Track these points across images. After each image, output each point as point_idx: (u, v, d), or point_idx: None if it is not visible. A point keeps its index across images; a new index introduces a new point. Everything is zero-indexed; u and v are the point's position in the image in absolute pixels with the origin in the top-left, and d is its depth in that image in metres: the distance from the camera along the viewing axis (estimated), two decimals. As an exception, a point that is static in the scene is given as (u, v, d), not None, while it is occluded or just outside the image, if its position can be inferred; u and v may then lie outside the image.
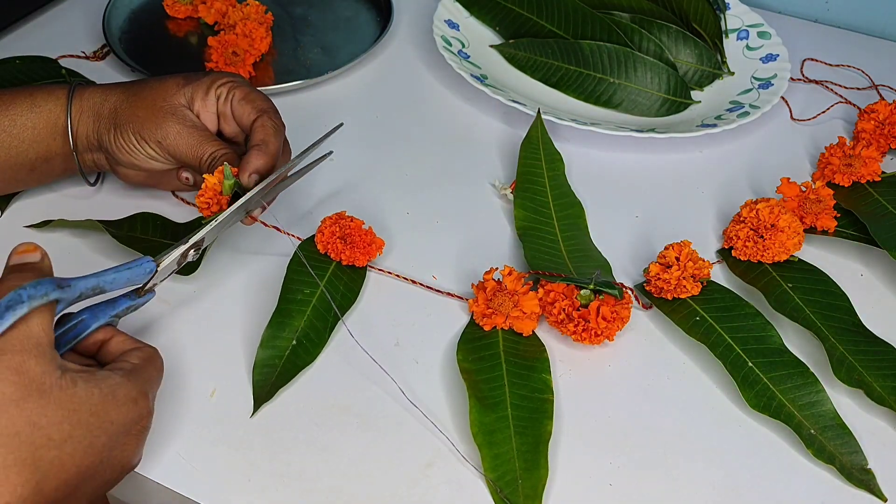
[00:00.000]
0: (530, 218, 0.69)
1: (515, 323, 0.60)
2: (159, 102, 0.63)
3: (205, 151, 0.62)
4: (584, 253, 0.67)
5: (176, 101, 0.64)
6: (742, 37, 0.89)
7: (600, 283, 0.60)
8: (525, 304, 0.60)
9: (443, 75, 0.86)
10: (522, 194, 0.71)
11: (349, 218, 0.64)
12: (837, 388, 0.58)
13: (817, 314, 0.62)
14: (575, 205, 0.71)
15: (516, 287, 0.60)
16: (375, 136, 0.79)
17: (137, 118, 0.63)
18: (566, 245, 0.67)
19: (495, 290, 0.60)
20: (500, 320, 0.60)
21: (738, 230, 0.66)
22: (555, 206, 0.70)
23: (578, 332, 0.59)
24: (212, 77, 0.66)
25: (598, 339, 0.60)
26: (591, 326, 0.59)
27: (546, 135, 0.75)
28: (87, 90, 0.65)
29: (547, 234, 0.68)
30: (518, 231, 0.68)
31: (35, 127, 0.63)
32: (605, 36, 0.85)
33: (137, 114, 0.63)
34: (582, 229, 0.70)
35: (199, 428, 0.55)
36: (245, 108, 0.64)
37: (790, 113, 0.84)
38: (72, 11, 0.92)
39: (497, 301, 0.60)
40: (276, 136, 0.63)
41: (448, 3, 0.90)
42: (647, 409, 0.58)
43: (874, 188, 0.72)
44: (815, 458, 0.55)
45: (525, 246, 0.67)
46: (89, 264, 0.62)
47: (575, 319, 0.59)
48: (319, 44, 0.90)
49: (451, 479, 0.53)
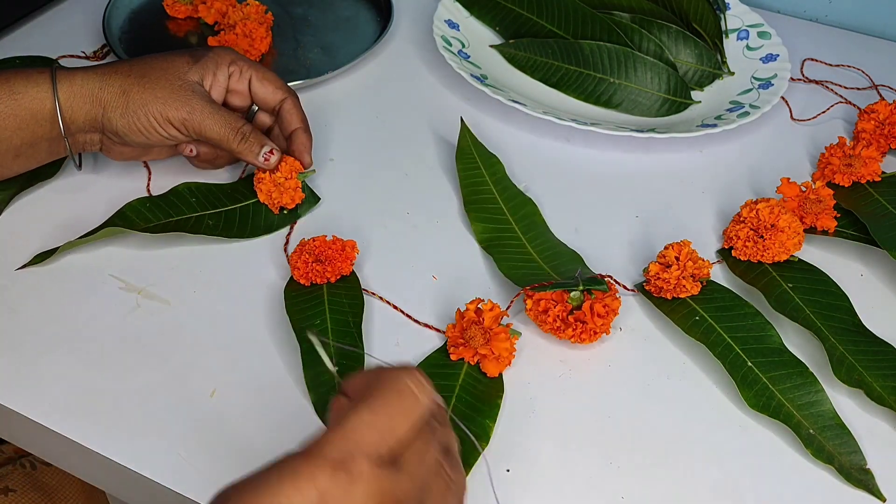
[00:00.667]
0: (489, 229, 0.68)
1: (483, 361, 0.58)
2: (176, 82, 0.65)
3: (235, 125, 0.65)
4: (553, 249, 0.67)
5: (191, 78, 0.66)
6: (742, 37, 0.89)
7: (587, 282, 0.60)
8: (496, 345, 0.58)
9: (443, 75, 0.86)
10: (473, 207, 0.70)
11: (312, 240, 0.63)
12: (837, 388, 0.58)
13: (817, 314, 0.62)
14: (527, 202, 0.70)
15: (492, 324, 0.58)
16: (375, 136, 0.79)
17: (158, 99, 0.64)
18: (534, 247, 0.67)
19: (472, 321, 0.58)
20: (468, 354, 0.58)
21: (738, 230, 0.66)
22: (509, 210, 0.69)
23: (577, 335, 0.59)
24: (217, 54, 0.68)
25: (597, 336, 0.60)
26: (589, 327, 0.59)
27: (476, 140, 0.74)
28: (76, 74, 0.64)
29: (511, 241, 0.67)
30: (482, 245, 0.67)
31: (17, 115, 0.63)
32: (605, 36, 0.85)
33: (157, 94, 0.64)
34: (541, 225, 0.69)
35: (199, 428, 0.55)
36: (267, 88, 0.69)
37: (790, 113, 0.84)
38: (72, 11, 0.92)
39: (470, 333, 0.58)
40: (303, 114, 0.70)
41: (448, 3, 0.90)
42: (647, 409, 0.58)
43: (874, 188, 0.72)
44: (814, 457, 0.55)
45: (495, 258, 0.66)
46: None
47: (572, 324, 0.59)
48: (319, 44, 0.90)
49: (450, 479, 0.53)
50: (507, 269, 0.65)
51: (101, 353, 0.59)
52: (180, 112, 0.64)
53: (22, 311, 0.61)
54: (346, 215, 0.71)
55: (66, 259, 0.65)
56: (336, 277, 0.63)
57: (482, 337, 0.58)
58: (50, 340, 0.60)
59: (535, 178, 0.76)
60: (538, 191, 0.74)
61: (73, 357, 0.59)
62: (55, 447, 0.56)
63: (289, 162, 0.68)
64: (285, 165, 0.68)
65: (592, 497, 0.53)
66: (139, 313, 0.62)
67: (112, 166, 0.73)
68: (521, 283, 0.63)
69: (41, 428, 0.56)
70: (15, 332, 0.60)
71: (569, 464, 0.55)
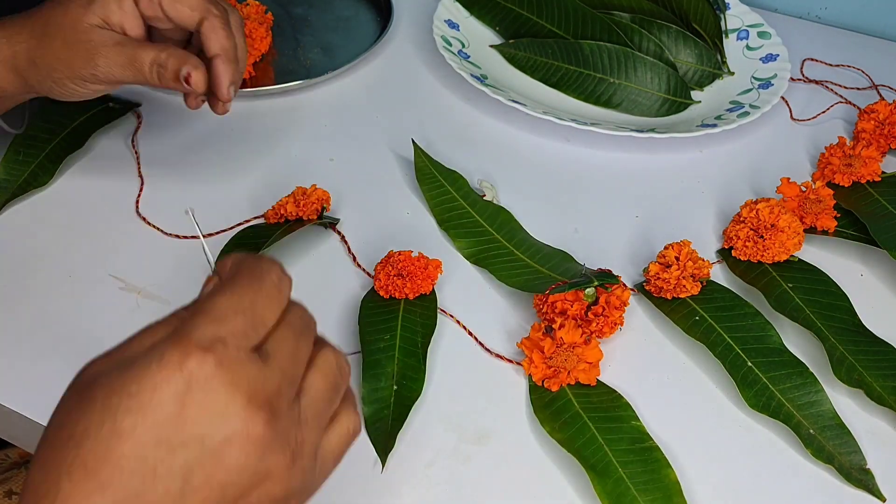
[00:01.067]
0: (472, 243, 0.67)
1: (581, 375, 0.57)
2: (72, 36, 0.58)
3: (143, 62, 0.57)
4: (542, 252, 0.67)
5: (88, 24, 0.58)
6: (742, 37, 0.89)
7: (600, 276, 0.60)
8: (589, 355, 0.57)
9: (443, 75, 0.86)
10: (449, 224, 0.69)
11: (398, 253, 0.63)
12: (837, 388, 0.58)
13: (817, 314, 0.62)
14: (500, 210, 0.70)
15: (574, 339, 0.57)
16: (375, 136, 0.79)
17: (61, 61, 0.58)
18: (523, 252, 0.66)
19: (553, 346, 0.57)
20: (564, 377, 0.57)
21: (738, 230, 0.66)
22: (486, 221, 0.69)
23: (599, 329, 0.59)
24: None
25: (616, 328, 0.60)
26: (610, 319, 0.59)
27: (431, 159, 0.73)
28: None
29: (499, 251, 0.67)
30: (469, 260, 0.67)
31: None
32: (605, 36, 0.85)
33: (59, 56, 0.58)
34: (521, 230, 0.69)
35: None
36: (180, 10, 0.59)
37: (790, 113, 0.84)
38: (72, 11, 0.92)
39: (560, 358, 0.57)
40: (229, 34, 0.59)
41: (448, 3, 0.90)
42: (647, 409, 0.58)
43: (874, 188, 0.72)
44: (813, 457, 0.55)
45: (490, 270, 0.65)
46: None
47: (592, 320, 0.59)
48: (319, 44, 0.90)
49: (450, 479, 0.53)
50: (506, 277, 0.64)
51: (101, 354, 0.59)
52: (87, 68, 0.58)
53: (22, 312, 0.61)
54: (347, 215, 0.71)
55: (67, 259, 0.65)
56: (415, 294, 0.62)
57: (574, 356, 0.57)
58: (50, 340, 0.60)
59: (535, 178, 0.76)
60: (539, 191, 0.74)
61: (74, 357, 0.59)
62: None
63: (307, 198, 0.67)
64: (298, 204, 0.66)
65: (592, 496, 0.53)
66: (139, 313, 0.62)
67: (103, 176, 0.73)
68: (525, 288, 0.63)
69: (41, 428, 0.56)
70: (15, 332, 0.60)
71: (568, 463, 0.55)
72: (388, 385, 0.57)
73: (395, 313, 0.61)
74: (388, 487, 0.53)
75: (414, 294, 0.62)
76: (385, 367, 0.58)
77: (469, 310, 0.64)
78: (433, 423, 0.56)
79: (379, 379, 0.57)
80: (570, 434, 0.54)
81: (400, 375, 0.57)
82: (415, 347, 0.59)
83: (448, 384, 0.59)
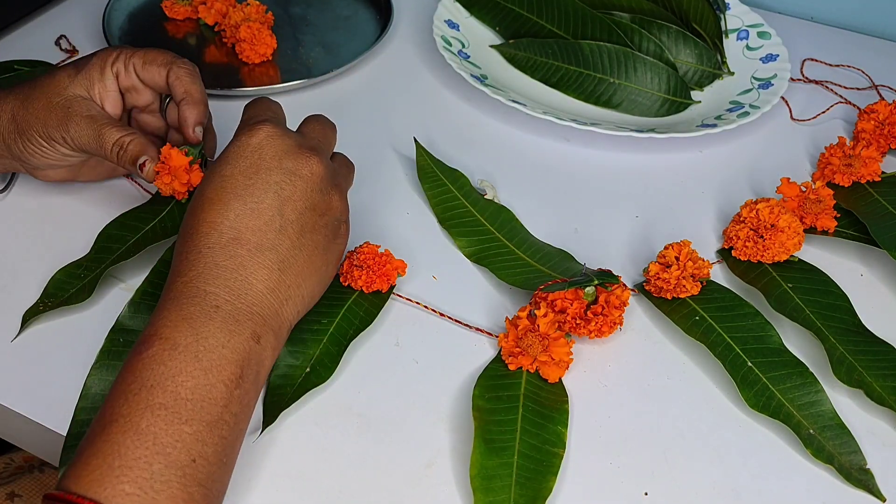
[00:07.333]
0: (473, 242, 0.67)
1: (542, 368, 0.57)
2: (54, 99, 0.62)
3: (108, 140, 0.62)
4: (542, 251, 0.67)
5: (71, 93, 0.62)
6: (742, 37, 0.89)
7: (599, 276, 0.60)
8: (555, 350, 0.57)
9: (443, 75, 0.86)
10: (451, 223, 0.69)
11: (365, 244, 0.63)
12: (837, 388, 0.58)
13: (817, 314, 0.62)
14: (501, 209, 0.70)
15: (549, 330, 0.57)
16: (375, 135, 0.79)
17: (39, 120, 0.62)
18: (523, 251, 0.67)
19: (527, 329, 0.57)
20: (526, 362, 0.57)
21: (738, 230, 0.66)
22: (487, 220, 0.69)
23: (598, 329, 0.59)
24: (100, 56, 0.64)
25: (615, 327, 0.60)
26: (610, 319, 0.59)
27: (434, 158, 0.74)
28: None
29: (500, 250, 0.67)
30: (470, 258, 0.67)
31: None
32: (605, 36, 0.85)
33: (38, 115, 0.62)
34: (522, 229, 0.69)
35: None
36: (151, 70, 0.64)
37: (790, 113, 0.85)
38: (72, 12, 0.92)
39: (527, 341, 0.57)
40: (194, 80, 0.65)
41: (448, 3, 0.90)
42: (647, 409, 0.58)
43: (874, 188, 0.72)
44: (814, 457, 0.55)
45: (490, 268, 0.65)
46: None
47: (591, 319, 0.59)
48: (320, 43, 0.90)
49: (451, 479, 0.53)
50: (506, 276, 0.64)
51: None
52: (59, 130, 0.62)
53: (21, 311, 0.61)
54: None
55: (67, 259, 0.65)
56: (369, 290, 0.62)
57: (540, 344, 0.57)
58: (50, 341, 0.60)
59: (535, 177, 0.76)
60: (538, 190, 0.74)
61: (74, 357, 0.59)
62: (55, 448, 0.56)
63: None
64: (166, 148, 0.63)
65: (593, 497, 0.53)
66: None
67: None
68: (526, 286, 0.63)
69: (41, 428, 0.56)
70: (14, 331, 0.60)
71: (569, 464, 0.55)
72: (302, 366, 0.57)
73: (343, 302, 0.61)
74: (389, 487, 0.53)
75: (369, 288, 0.62)
76: (309, 348, 0.58)
77: (468, 310, 0.64)
78: (433, 422, 0.56)
79: (297, 357, 0.57)
80: (492, 407, 0.55)
81: (317, 361, 0.58)
82: (343, 338, 0.59)
83: (447, 383, 0.59)
